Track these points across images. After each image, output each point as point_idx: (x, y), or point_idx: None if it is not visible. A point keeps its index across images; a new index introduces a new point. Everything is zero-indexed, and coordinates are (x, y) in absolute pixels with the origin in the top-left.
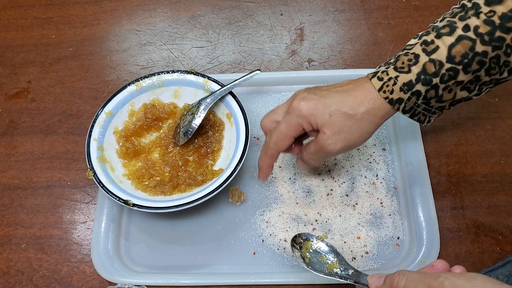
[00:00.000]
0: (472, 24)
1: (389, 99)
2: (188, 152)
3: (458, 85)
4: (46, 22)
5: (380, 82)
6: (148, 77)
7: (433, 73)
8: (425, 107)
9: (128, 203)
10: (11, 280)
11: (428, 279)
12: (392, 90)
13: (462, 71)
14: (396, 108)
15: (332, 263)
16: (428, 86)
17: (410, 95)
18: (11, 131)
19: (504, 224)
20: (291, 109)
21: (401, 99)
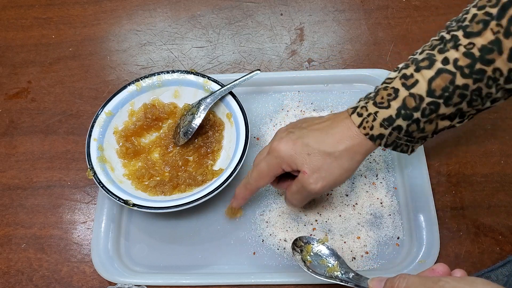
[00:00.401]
0: (451, 57)
1: (369, 135)
2: (188, 152)
3: (440, 117)
4: (46, 22)
5: (359, 118)
6: (148, 77)
7: (414, 107)
8: (408, 138)
9: (128, 203)
10: (11, 280)
11: (428, 283)
12: (372, 126)
13: (443, 105)
14: (377, 144)
15: (332, 266)
16: (409, 121)
17: (391, 130)
18: (11, 131)
19: (504, 224)
20: (271, 149)
21: (382, 135)
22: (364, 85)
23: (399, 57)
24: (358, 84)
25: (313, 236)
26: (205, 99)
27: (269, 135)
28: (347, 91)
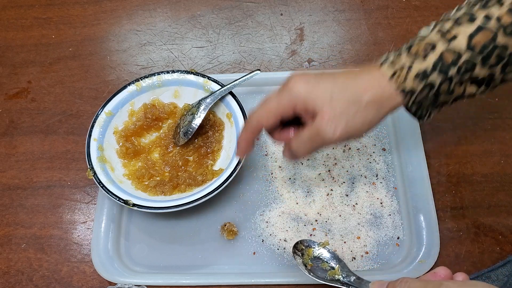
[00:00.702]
0: (494, 13)
1: (401, 88)
2: (188, 152)
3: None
4: (46, 22)
5: (391, 69)
6: (148, 77)
7: (451, 62)
8: (432, 101)
9: (128, 203)
10: (11, 280)
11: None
12: (405, 78)
13: (480, 64)
14: (407, 100)
15: (334, 269)
16: (444, 77)
17: (423, 86)
18: (11, 131)
19: (504, 224)
20: (286, 87)
21: (414, 90)
22: None
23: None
24: None
25: (314, 239)
26: (205, 99)
27: None
28: None
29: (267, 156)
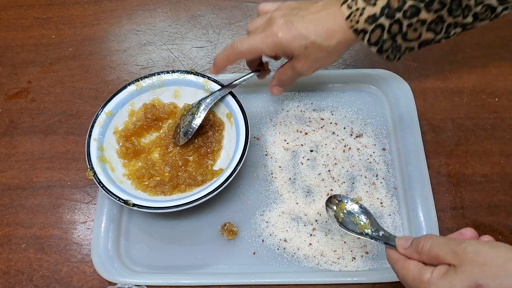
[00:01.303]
0: None
1: (353, 28)
2: (188, 152)
3: (423, 25)
4: (46, 22)
5: (348, 10)
6: (148, 77)
7: (397, 8)
8: (392, 43)
9: (128, 203)
10: (11, 280)
11: (452, 244)
12: (358, 20)
13: (424, 9)
14: (360, 38)
15: (364, 224)
16: (391, 20)
17: (374, 27)
18: (11, 131)
19: (504, 224)
20: (271, 33)
21: (365, 30)
22: (364, 85)
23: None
24: (358, 84)
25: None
26: (205, 99)
27: (269, 135)
28: (347, 91)
29: (267, 156)
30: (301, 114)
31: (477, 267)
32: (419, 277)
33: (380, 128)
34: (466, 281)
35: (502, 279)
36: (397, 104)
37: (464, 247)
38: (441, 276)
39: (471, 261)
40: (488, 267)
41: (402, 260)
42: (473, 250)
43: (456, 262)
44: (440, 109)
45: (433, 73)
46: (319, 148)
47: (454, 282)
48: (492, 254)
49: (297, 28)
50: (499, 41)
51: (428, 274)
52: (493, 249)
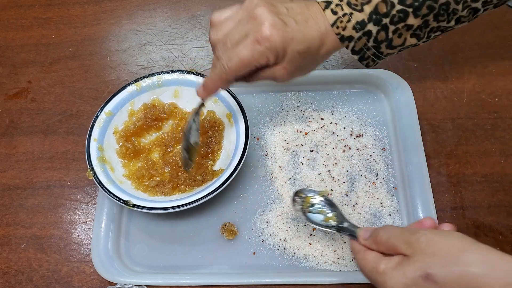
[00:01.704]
0: None
1: (340, 35)
2: None
3: (408, 30)
4: (46, 22)
5: (334, 16)
6: (148, 77)
7: (384, 13)
8: (375, 52)
9: (128, 203)
10: (11, 280)
11: (406, 234)
12: (345, 27)
13: (412, 14)
14: (345, 46)
15: (330, 216)
16: (379, 26)
17: (362, 34)
18: (11, 131)
19: (504, 224)
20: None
21: (352, 37)
22: (364, 85)
23: (399, 57)
24: (358, 84)
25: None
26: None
27: (269, 135)
28: (347, 91)
29: (267, 156)
30: (301, 114)
31: (428, 256)
32: (376, 268)
33: (380, 128)
34: (417, 271)
35: (450, 268)
36: (397, 104)
37: (418, 237)
38: (395, 266)
39: (423, 251)
40: (438, 257)
41: (362, 251)
42: (425, 240)
43: (410, 252)
44: (440, 109)
45: (433, 73)
46: (319, 148)
47: (406, 272)
48: (443, 244)
49: (292, 31)
50: (499, 41)
51: (383, 264)
52: (445, 239)
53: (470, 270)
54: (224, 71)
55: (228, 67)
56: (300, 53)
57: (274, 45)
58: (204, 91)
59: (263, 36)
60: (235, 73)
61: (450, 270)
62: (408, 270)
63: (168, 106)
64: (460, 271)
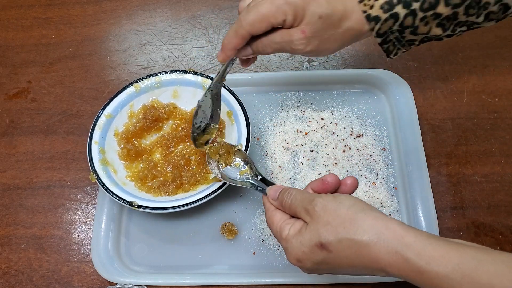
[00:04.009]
0: None
1: (367, 14)
2: (189, 151)
3: (436, 19)
4: (46, 22)
5: None
6: (147, 78)
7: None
8: (398, 35)
9: (133, 204)
10: (11, 280)
11: (305, 202)
12: (372, 5)
13: (443, 2)
14: (371, 27)
15: (244, 169)
16: (407, 10)
17: (389, 16)
18: (11, 131)
19: (504, 224)
20: None
21: (379, 18)
22: (364, 85)
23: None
24: (358, 84)
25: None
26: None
27: (269, 135)
28: (347, 91)
29: (267, 156)
30: (301, 114)
31: (322, 225)
32: (280, 232)
33: (380, 128)
34: (312, 240)
35: (341, 237)
36: (397, 104)
37: (314, 205)
38: (295, 234)
39: (318, 219)
40: (330, 226)
41: (271, 210)
42: (320, 208)
43: (308, 219)
44: (440, 109)
45: (433, 73)
46: (319, 148)
47: (303, 240)
48: (335, 212)
49: None
50: (499, 41)
51: (286, 230)
52: (337, 206)
53: (358, 239)
54: (240, 24)
55: (244, 20)
56: (321, 17)
57: (294, 1)
58: (222, 51)
59: None
60: (251, 27)
61: (340, 239)
62: (305, 239)
63: (168, 107)
64: (349, 240)
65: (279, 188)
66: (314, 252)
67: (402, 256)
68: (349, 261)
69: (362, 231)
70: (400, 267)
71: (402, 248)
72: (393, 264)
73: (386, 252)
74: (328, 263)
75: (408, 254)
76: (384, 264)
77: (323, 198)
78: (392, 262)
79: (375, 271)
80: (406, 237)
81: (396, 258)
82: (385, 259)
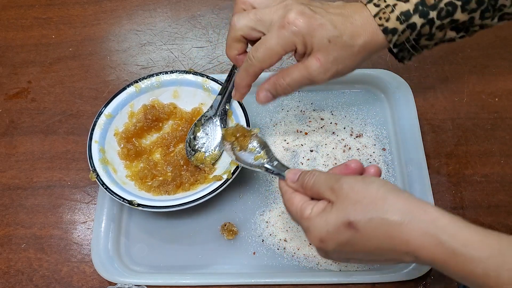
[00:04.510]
0: None
1: (383, 27)
2: None
3: (451, 24)
4: (46, 22)
5: (376, 8)
6: (147, 78)
7: (432, 5)
8: (413, 44)
9: (132, 203)
10: (11, 280)
11: (331, 181)
12: (388, 18)
13: (460, 8)
14: (388, 40)
15: (260, 154)
16: (424, 20)
17: (406, 27)
18: (11, 131)
19: (504, 224)
20: (286, 22)
21: (396, 30)
22: (364, 85)
23: None
24: (358, 84)
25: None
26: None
27: (269, 135)
28: (347, 91)
29: None
30: (301, 114)
31: (350, 204)
32: (301, 213)
33: (380, 128)
34: (339, 219)
35: (371, 216)
36: (397, 104)
37: (341, 185)
38: (319, 213)
39: (345, 198)
40: (359, 205)
41: (290, 193)
42: (348, 187)
43: (333, 198)
44: (440, 109)
45: (433, 73)
46: (319, 148)
47: (328, 219)
48: (364, 192)
49: (321, 18)
50: (499, 41)
51: (309, 210)
52: (367, 186)
53: (390, 218)
54: (250, 62)
55: (253, 57)
56: (330, 41)
57: (299, 29)
58: (236, 90)
59: (289, 21)
60: (261, 63)
61: (370, 217)
62: (331, 218)
63: (168, 107)
64: (380, 219)
65: (299, 171)
66: (340, 232)
67: (437, 238)
68: (377, 243)
69: (394, 210)
70: (432, 249)
71: (437, 230)
72: (425, 246)
73: (419, 233)
74: (353, 244)
75: (442, 236)
76: (416, 246)
77: (350, 178)
78: (424, 244)
79: (402, 255)
80: (441, 219)
81: (430, 240)
82: (417, 241)
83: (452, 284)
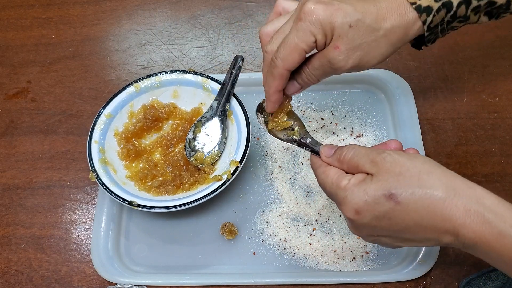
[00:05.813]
0: None
1: (416, 5)
2: None
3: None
4: (46, 22)
5: None
6: (147, 78)
7: None
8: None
9: (132, 203)
10: (11, 280)
11: (373, 154)
12: None
13: None
14: (423, 20)
15: (293, 131)
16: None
17: (441, 5)
18: (11, 131)
19: None
20: (303, 14)
21: (431, 8)
22: (364, 85)
23: (399, 57)
24: (358, 84)
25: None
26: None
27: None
28: (347, 91)
29: (267, 156)
30: (301, 114)
31: (392, 176)
32: (337, 183)
33: (380, 128)
34: (380, 190)
35: (414, 189)
36: (397, 104)
37: (384, 157)
38: (358, 183)
39: (387, 170)
40: (403, 177)
41: (324, 166)
42: (391, 160)
43: (374, 171)
44: (440, 109)
45: (433, 73)
46: None
47: (368, 189)
48: (408, 165)
49: (339, 4)
50: (499, 41)
51: (346, 180)
52: (410, 160)
53: (433, 193)
54: (273, 64)
55: (276, 59)
56: (351, 26)
57: (317, 18)
58: (268, 100)
59: (305, 11)
60: (285, 62)
61: (413, 191)
62: (371, 188)
63: (168, 107)
64: (423, 193)
65: (335, 146)
66: (379, 203)
67: (483, 217)
68: (417, 218)
69: (439, 185)
70: (477, 228)
71: (483, 208)
72: (469, 224)
73: (463, 210)
74: (392, 217)
75: (489, 215)
76: (458, 224)
77: (393, 151)
78: (468, 222)
79: (441, 234)
80: (488, 198)
81: (474, 218)
82: (460, 218)
83: (452, 284)
